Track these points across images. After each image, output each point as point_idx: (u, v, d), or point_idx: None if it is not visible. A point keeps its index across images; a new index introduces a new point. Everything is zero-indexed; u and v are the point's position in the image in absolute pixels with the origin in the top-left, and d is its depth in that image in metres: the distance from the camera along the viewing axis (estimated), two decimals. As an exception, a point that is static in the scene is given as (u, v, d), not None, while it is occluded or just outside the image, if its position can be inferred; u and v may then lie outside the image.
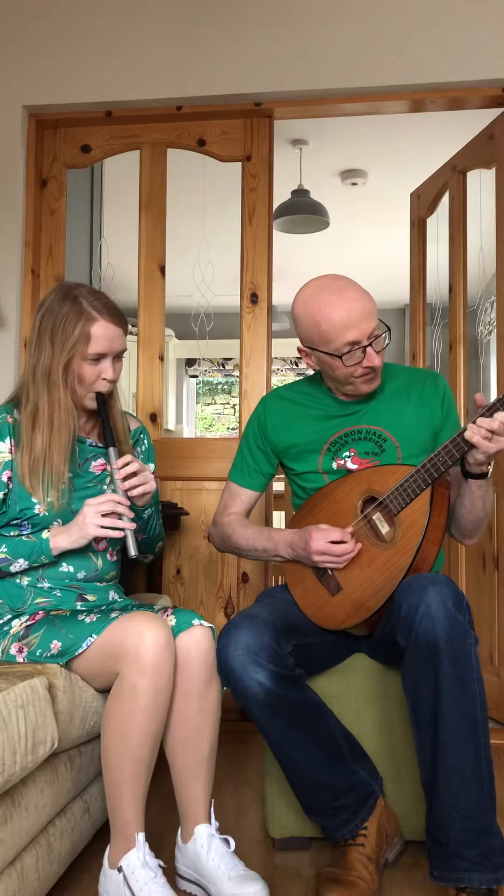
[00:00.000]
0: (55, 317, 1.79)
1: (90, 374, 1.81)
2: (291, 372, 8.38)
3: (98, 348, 1.78)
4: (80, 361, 1.79)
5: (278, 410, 2.02)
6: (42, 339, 1.81)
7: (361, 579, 1.78)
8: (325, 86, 2.93)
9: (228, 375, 8.68)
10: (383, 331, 1.81)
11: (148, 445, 2.07)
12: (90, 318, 1.77)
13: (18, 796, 1.50)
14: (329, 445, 1.93)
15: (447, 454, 1.69)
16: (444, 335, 3.64)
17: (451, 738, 1.55)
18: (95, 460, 1.91)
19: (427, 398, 1.94)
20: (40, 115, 3.11)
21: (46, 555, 1.78)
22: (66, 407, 1.80)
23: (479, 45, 2.84)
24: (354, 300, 1.77)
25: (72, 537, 1.77)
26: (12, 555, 1.78)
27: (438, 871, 1.57)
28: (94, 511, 1.75)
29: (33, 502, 1.81)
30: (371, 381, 1.87)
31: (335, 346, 1.78)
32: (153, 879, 1.57)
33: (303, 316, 1.82)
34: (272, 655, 1.63)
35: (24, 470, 1.80)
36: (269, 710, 1.66)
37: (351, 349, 1.78)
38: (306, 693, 1.73)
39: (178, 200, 3.30)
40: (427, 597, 1.57)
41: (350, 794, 1.73)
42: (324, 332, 1.78)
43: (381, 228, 5.61)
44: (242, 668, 1.63)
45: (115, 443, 1.83)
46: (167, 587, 3.04)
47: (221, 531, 2.02)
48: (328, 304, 1.77)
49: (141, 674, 1.59)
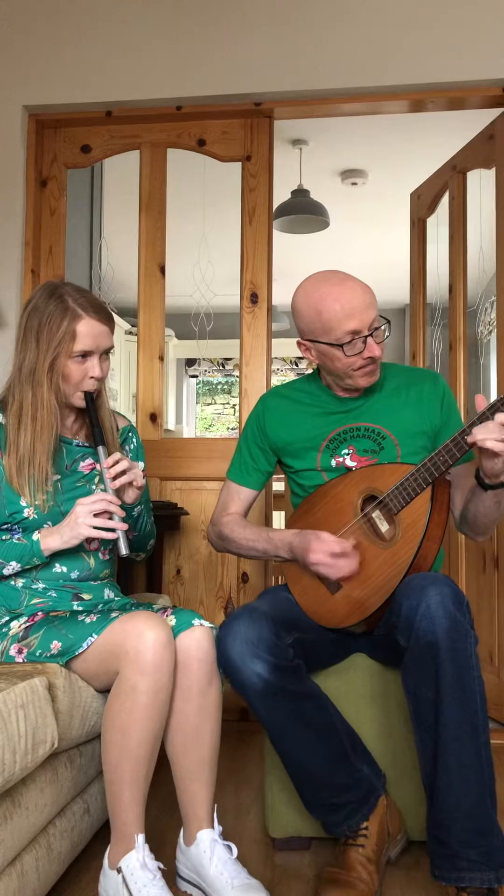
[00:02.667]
0: (41, 315, 1.78)
1: (77, 372, 1.80)
2: (291, 372, 8.38)
3: (83, 346, 1.77)
4: (65, 360, 1.78)
5: (277, 408, 2.02)
6: (28, 338, 1.80)
7: (361, 578, 1.78)
8: (325, 86, 2.93)
9: (228, 375, 8.68)
10: (383, 323, 1.83)
11: (137, 444, 2.06)
12: (75, 316, 1.77)
13: (18, 796, 1.50)
14: (328, 443, 1.94)
15: (448, 453, 1.69)
16: (444, 335, 3.64)
17: (452, 738, 1.55)
18: (84, 460, 1.91)
19: (426, 397, 1.94)
20: (40, 115, 3.11)
21: (38, 556, 1.78)
22: (49, 406, 1.79)
23: (479, 45, 2.84)
24: (355, 290, 1.79)
25: (63, 537, 1.76)
26: (4, 558, 1.77)
27: (439, 870, 1.57)
28: (86, 511, 1.73)
29: (22, 506, 1.80)
30: (370, 375, 1.87)
31: (336, 335, 1.80)
32: (152, 881, 1.57)
33: (304, 307, 1.84)
34: (271, 647, 1.64)
35: (10, 471, 1.79)
36: (268, 701, 1.66)
37: (352, 339, 1.79)
38: (306, 684, 1.72)
39: (178, 200, 3.30)
40: (427, 596, 1.57)
41: (351, 792, 1.73)
42: (325, 321, 1.79)
43: (381, 228, 5.62)
44: (241, 659, 1.63)
45: (104, 442, 1.82)
46: (167, 587, 3.04)
47: (220, 531, 2.02)
48: (329, 294, 1.79)
49: (141, 673, 1.59)
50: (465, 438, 1.65)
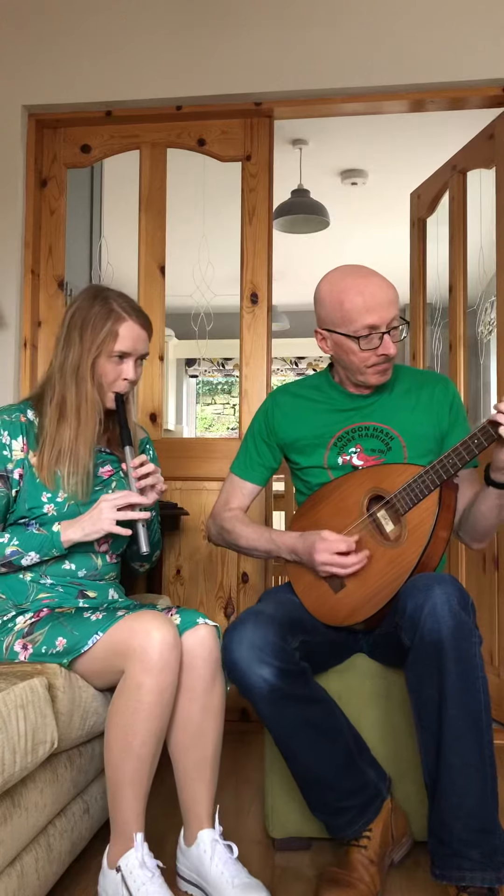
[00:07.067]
0: (85, 315, 1.85)
1: (112, 373, 1.86)
2: (291, 372, 8.38)
3: (123, 346, 1.84)
4: (104, 359, 1.84)
5: (286, 405, 2.02)
6: (71, 336, 1.85)
7: (366, 577, 1.78)
8: (325, 86, 2.93)
9: (228, 375, 8.68)
10: (402, 323, 1.85)
11: (153, 456, 2.10)
12: (119, 318, 1.84)
13: (18, 796, 1.49)
14: (336, 440, 1.94)
15: (458, 456, 1.69)
16: (444, 335, 3.64)
17: (455, 738, 1.55)
18: (103, 466, 1.93)
19: (436, 401, 1.95)
20: (40, 115, 3.11)
21: (58, 547, 1.79)
22: (93, 401, 1.85)
23: (479, 45, 2.84)
24: (380, 286, 1.83)
25: (85, 530, 1.78)
26: (24, 548, 1.79)
27: (440, 869, 1.57)
28: (110, 506, 1.77)
29: (42, 502, 1.82)
30: (382, 374, 1.88)
31: (354, 327, 1.81)
32: (151, 880, 1.57)
33: (327, 296, 1.86)
34: (277, 651, 1.63)
35: (43, 463, 1.82)
36: (275, 705, 1.65)
37: (369, 333, 1.81)
38: (313, 688, 1.72)
39: (178, 200, 3.30)
40: (432, 596, 1.57)
41: (357, 796, 1.73)
42: (346, 311, 1.81)
43: (381, 228, 5.62)
44: (247, 664, 1.63)
45: (131, 442, 1.86)
46: (167, 587, 3.04)
47: (221, 526, 2.02)
48: (354, 286, 1.82)
49: (146, 672, 1.59)
50: (475, 438, 1.65)
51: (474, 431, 1.66)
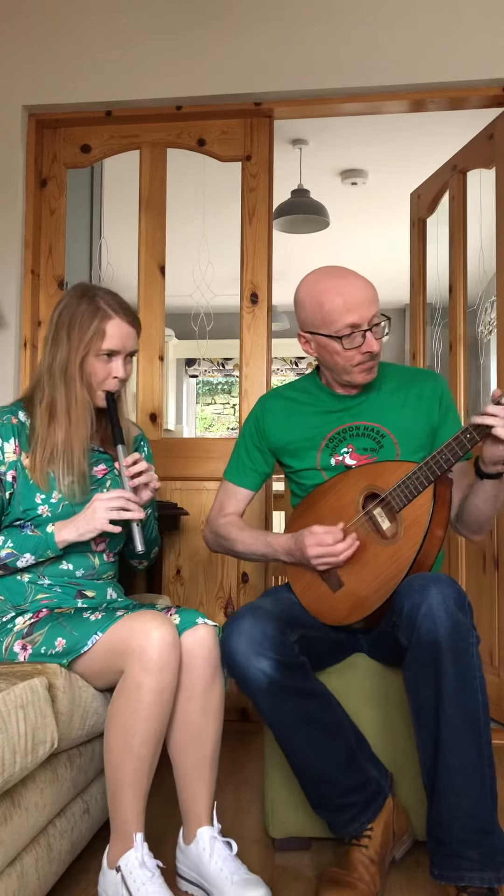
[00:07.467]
0: (72, 314, 1.84)
1: (101, 371, 1.85)
2: (291, 372, 8.38)
3: (111, 345, 1.83)
4: (93, 358, 1.83)
5: (276, 409, 2.03)
6: (59, 336, 1.85)
7: (363, 576, 1.78)
8: (325, 86, 2.93)
9: (228, 375, 8.68)
10: (383, 320, 1.85)
11: (147, 453, 2.10)
12: (105, 316, 1.83)
13: (18, 796, 1.50)
14: (327, 441, 1.94)
15: (450, 451, 1.69)
16: (444, 335, 3.64)
17: (453, 738, 1.55)
18: (97, 465, 1.93)
19: (425, 396, 1.95)
20: (40, 115, 3.11)
21: (52, 548, 1.79)
22: (83, 401, 1.84)
23: (479, 45, 2.84)
24: (358, 285, 1.82)
25: (80, 530, 1.78)
26: (19, 550, 1.79)
27: (439, 869, 1.57)
28: (104, 506, 1.76)
29: (36, 503, 1.82)
30: (368, 372, 1.88)
31: (336, 328, 1.81)
32: (150, 880, 1.57)
33: (306, 298, 1.86)
34: (275, 644, 1.64)
35: (35, 464, 1.81)
36: (274, 699, 1.65)
37: (351, 332, 1.81)
38: (312, 682, 1.72)
39: (178, 200, 3.30)
40: (429, 596, 1.57)
41: (358, 792, 1.72)
42: (326, 312, 1.81)
43: (381, 228, 5.61)
44: (246, 657, 1.63)
45: (123, 441, 1.85)
46: (167, 587, 3.04)
47: (217, 532, 2.03)
48: (332, 287, 1.82)
49: (146, 671, 1.59)
50: (466, 433, 1.65)
51: (466, 426, 1.66)
